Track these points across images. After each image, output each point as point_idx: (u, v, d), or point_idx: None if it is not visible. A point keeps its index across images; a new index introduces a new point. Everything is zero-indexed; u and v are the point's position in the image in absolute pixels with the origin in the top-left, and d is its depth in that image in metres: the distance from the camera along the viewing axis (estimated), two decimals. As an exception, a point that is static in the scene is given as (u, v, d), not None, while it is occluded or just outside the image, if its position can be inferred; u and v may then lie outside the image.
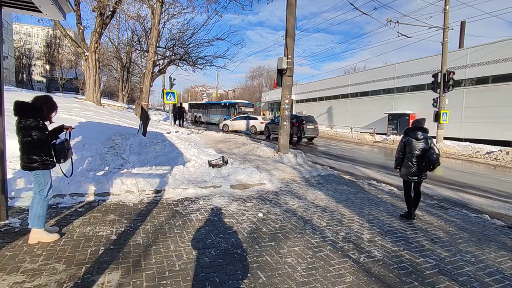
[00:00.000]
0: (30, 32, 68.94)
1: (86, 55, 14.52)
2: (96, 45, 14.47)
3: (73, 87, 47.76)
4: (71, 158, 3.53)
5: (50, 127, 3.24)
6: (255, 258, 3.02)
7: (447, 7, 16.38)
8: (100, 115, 11.05)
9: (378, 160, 12.01)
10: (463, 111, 19.96)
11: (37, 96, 3.19)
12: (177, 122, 21.66)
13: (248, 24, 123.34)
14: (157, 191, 5.06)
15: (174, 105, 21.27)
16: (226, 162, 6.89)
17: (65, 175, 3.60)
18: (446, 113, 16.45)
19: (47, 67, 48.63)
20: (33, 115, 3.00)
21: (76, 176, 4.95)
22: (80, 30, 15.12)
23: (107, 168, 5.97)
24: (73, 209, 4.14)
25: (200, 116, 36.28)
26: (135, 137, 7.65)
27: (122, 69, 30.62)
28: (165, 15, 16.03)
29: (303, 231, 3.81)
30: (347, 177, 7.71)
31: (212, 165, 6.69)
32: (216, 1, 11.46)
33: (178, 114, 21.81)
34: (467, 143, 17.43)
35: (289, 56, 9.07)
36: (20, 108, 3.00)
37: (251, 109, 30.89)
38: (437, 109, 16.46)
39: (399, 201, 5.57)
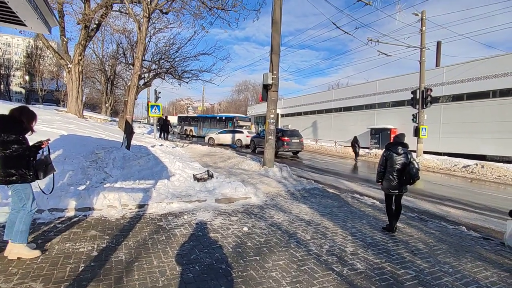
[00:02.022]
0: (10, 42, 67.39)
1: (69, 67, 14.31)
2: (80, 57, 14.31)
3: (54, 98, 46.57)
4: (53, 173, 3.44)
5: (31, 138, 3.16)
6: (239, 273, 3.01)
7: (424, 28, 17.33)
8: (82, 128, 10.83)
9: (361, 174, 12.26)
10: (441, 127, 20.82)
11: (13, 108, 3.11)
12: (162, 135, 21.43)
13: (235, 39, 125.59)
14: (141, 206, 4.98)
15: (160, 118, 21.11)
16: (212, 176, 6.87)
17: (43, 192, 3.51)
18: (425, 128, 17.12)
19: (27, 77, 47.42)
20: (13, 128, 2.94)
21: (56, 191, 4.80)
22: (64, 42, 14.95)
23: (88, 182, 5.83)
24: (52, 225, 4.01)
25: (191, 130, 34.06)
26: (118, 150, 7.53)
27: (106, 81, 30.26)
28: (152, 29, 16.13)
29: (288, 245, 3.84)
30: (331, 190, 7.83)
31: (197, 179, 6.66)
32: (203, 17, 11.64)
33: (163, 127, 21.61)
34: (446, 157, 18.11)
35: (274, 72, 9.29)
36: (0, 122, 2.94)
37: (248, 123, 30.01)
38: (416, 124, 17.11)
39: (381, 214, 5.70)
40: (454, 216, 6.23)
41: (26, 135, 3.09)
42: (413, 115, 17.39)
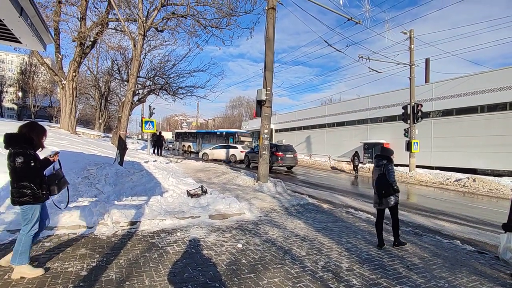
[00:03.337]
0: (3, 59, 67.39)
1: (64, 84, 14.33)
2: (74, 74, 14.37)
3: (47, 114, 46.23)
4: (67, 187, 3.44)
5: (42, 154, 3.18)
6: (234, 291, 2.94)
7: (412, 46, 17.91)
8: (75, 144, 10.73)
9: (355, 189, 12.28)
10: (432, 141, 21.14)
11: (22, 125, 3.11)
12: (155, 151, 21.30)
13: (229, 55, 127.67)
14: (133, 223, 4.88)
15: (154, 133, 21.04)
16: (205, 192, 6.81)
17: (57, 206, 3.55)
18: (416, 143, 17.37)
19: (20, 94, 47.16)
20: (24, 145, 2.93)
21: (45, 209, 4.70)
22: (59, 59, 15.03)
23: (79, 199, 5.73)
24: (40, 244, 3.89)
25: (189, 146, 32.63)
26: (111, 167, 7.46)
27: (100, 97, 30.23)
28: (147, 46, 16.35)
29: (282, 261, 3.78)
30: (325, 205, 7.80)
31: (190, 195, 6.59)
32: (198, 35, 11.88)
33: (156, 143, 21.51)
34: (438, 171, 18.29)
35: (268, 88, 9.43)
36: (9, 139, 2.94)
37: (250, 139, 28.89)
38: (408, 139, 17.36)
39: (376, 228, 5.67)
40: (448, 230, 6.23)
41: (38, 151, 3.09)
42: (404, 129, 17.67)
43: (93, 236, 4.33)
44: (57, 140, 10.19)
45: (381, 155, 4.70)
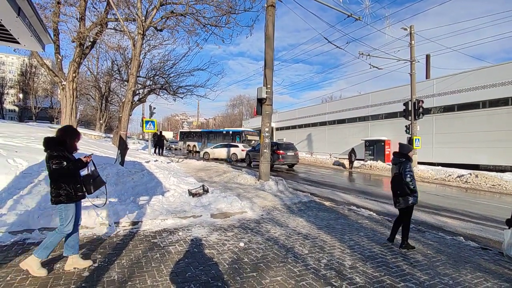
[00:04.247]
0: (4, 61, 67.47)
1: (64, 85, 14.30)
2: (74, 75, 14.33)
3: (48, 116, 46.34)
4: (105, 186, 3.58)
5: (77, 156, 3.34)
6: (236, 290, 2.92)
7: (413, 42, 17.81)
8: (76, 144, 10.72)
9: (357, 186, 12.25)
10: (434, 137, 21.07)
11: (58, 129, 3.32)
12: (156, 151, 21.30)
13: (229, 54, 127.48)
14: (134, 223, 4.87)
15: (155, 133, 21.04)
16: (207, 191, 6.79)
17: (96, 206, 3.77)
18: (418, 139, 17.30)
19: (21, 95, 47.29)
20: (58, 148, 3.09)
21: (47, 209, 4.70)
22: (58, 60, 14.99)
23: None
24: (42, 245, 3.88)
25: (195, 146, 32.26)
26: (112, 167, 7.45)
27: (101, 98, 30.23)
28: (146, 46, 16.33)
29: (285, 259, 3.76)
30: (327, 203, 7.78)
31: (192, 194, 6.58)
32: (197, 34, 11.84)
33: (157, 142, 21.52)
34: (440, 167, 18.23)
35: (268, 86, 9.39)
36: (46, 143, 3.12)
37: (257, 138, 27.74)
38: (409, 136, 17.29)
39: (378, 225, 5.66)
40: (451, 226, 6.20)
41: (72, 153, 3.26)
42: (406, 126, 17.60)
43: (95, 236, 4.32)
44: (58, 141, 10.19)
45: (399, 153, 4.50)
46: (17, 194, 5.15)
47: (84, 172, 3.35)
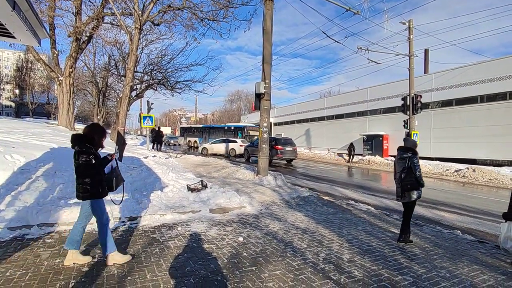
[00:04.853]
0: None
1: (60, 80, 14.20)
2: (71, 70, 14.23)
3: (45, 111, 46.08)
4: (123, 184, 3.63)
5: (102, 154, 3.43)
6: (235, 284, 2.94)
7: (411, 36, 17.74)
8: (74, 140, 10.67)
9: (355, 181, 12.30)
10: (432, 132, 21.13)
11: (86, 127, 3.38)
12: (155, 146, 21.26)
13: (227, 49, 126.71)
14: (133, 218, 4.88)
15: (153, 129, 20.97)
16: (205, 186, 6.80)
17: (114, 203, 3.89)
18: (416, 134, 17.32)
19: (17, 91, 46.93)
20: (86, 145, 3.14)
21: (46, 205, 4.69)
22: (55, 55, 14.87)
23: (79, 195, 5.71)
24: (41, 241, 3.88)
25: (195, 142, 32.09)
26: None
27: (98, 93, 30.01)
28: (143, 40, 16.17)
29: (284, 254, 3.78)
30: (326, 198, 7.81)
31: (190, 189, 6.58)
32: (194, 28, 11.73)
33: (156, 138, 21.46)
34: (437, 161, 18.33)
35: (267, 81, 9.36)
36: (75, 139, 3.18)
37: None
38: (408, 130, 17.32)
39: (376, 220, 5.69)
40: (448, 220, 6.25)
41: (98, 150, 3.33)
42: (404, 121, 17.62)
43: (94, 231, 4.31)
44: (55, 137, 10.14)
45: (405, 147, 4.52)
46: (15, 190, 5.13)
47: (108, 169, 3.43)
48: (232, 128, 28.55)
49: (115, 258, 3.26)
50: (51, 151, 7.23)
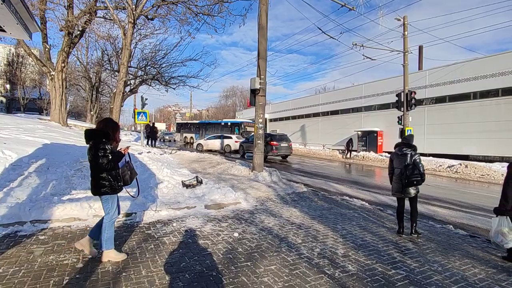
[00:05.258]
0: (-11, 51, 65.32)
1: (52, 75, 13.99)
2: (63, 64, 14.01)
3: (37, 107, 45.31)
4: (136, 178, 3.65)
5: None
6: (231, 279, 2.96)
7: (406, 33, 17.81)
8: (67, 136, 10.56)
9: (349, 176, 12.39)
10: (426, 128, 21.32)
11: (99, 121, 3.39)
12: (149, 142, 21.12)
13: (222, 44, 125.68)
14: (128, 214, 4.85)
15: (147, 125, 20.81)
16: (201, 182, 6.79)
17: (132, 196, 3.93)
18: (410, 130, 17.46)
19: (8, 86, 46.06)
20: (101, 139, 3.15)
21: (39, 201, 4.64)
22: (46, 49, 14.62)
23: (73, 192, 5.66)
24: (35, 237, 3.85)
25: (192, 138, 31.58)
26: (104, 158, 7.36)
27: (91, 88, 29.68)
28: (137, 35, 16.01)
29: (279, 249, 3.80)
30: (321, 193, 7.86)
31: (185, 185, 6.56)
32: (189, 23, 11.62)
33: (150, 134, 21.31)
34: (431, 157, 18.52)
35: (262, 76, 9.32)
36: (89, 134, 3.20)
37: None
38: (401, 126, 17.46)
39: (370, 215, 5.75)
40: (441, 215, 6.34)
41: (112, 145, 3.33)
42: (398, 117, 17.75)
43: (88, 228, 4.28)
44: (48, 133, 10.01)
45: (406, 144, 4.59)
46: (7, 186, 5.06)
47: (121, 163, 3.44)
48: (229, 124, 28.35)
49: (110, 255, 3.25)
50: (43, 147, 7.14)
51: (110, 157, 3.11)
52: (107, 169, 3.13)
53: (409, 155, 4.45)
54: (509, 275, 3.34)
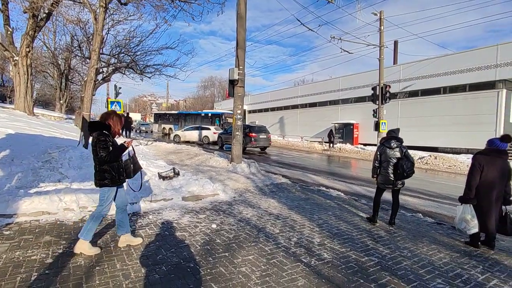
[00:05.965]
0: None
1: (16, 60, 13.06)
2: (28, 49, 13.11)
3: None
4: (141, 172, 3.63)
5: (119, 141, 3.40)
6: (208, 270, 2.95)
7: (382, 27, 18.22)
8: (33, 126, 9.97)
9: (327, 168, 12.67)
10: (399, 121, 22.12)
11: (102, 114, 3.38)
12: (123, 133, 20.45)
13: (200, 33, 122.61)
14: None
15: (121, 115, 20.07)
16: (178, 174, 6.67)
17: (133, 190, 3.97)
18: (384, 123, 18.07)
19: (-34, 72, 42.58)
20: (104, 132, 3.16)
21: (3, 195, 4.37)
22: (8, 32, 13.60)
23: (41, 184, 5.37)
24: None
25: (171, 129, 30.67)
26: (75, 149, 7.04)
27: (60, 76, 28.02)
28: (110, 20, 15.21)
29: (257, 239, 3.83)
30: (298, 184, 7.98)
31: (162, 177, 6.42)
32: (165, 9, 11.16)
33: (124, 125, 20.62)
34: (402, 149, 19.29)
35: (241, 67, 9.22)
36: (92, 126, 3.21)
37: None
38: (377, 119, 18.02)
39: (345, 204, 5.92)
40: (411, 204, 6.65)
41: (115, 138, 3.33)
42: (373, 110, 18.28)
43: (58, 222, 4.11)
44: (12, 122, 9.40)
45: (395, 137, 4.70)
46: (-34, 179, 4.72)
47: (125, 156, 3.43)
48: (210, 115, 27.93)
49: (83, 247, 3.16)
50: (7, 137, 6.70)
51: (111, 148, 3.11)
52: (107, 161, 3.11)
53: (403, 149, 4.64)
54: (470, 258, 3.58)
